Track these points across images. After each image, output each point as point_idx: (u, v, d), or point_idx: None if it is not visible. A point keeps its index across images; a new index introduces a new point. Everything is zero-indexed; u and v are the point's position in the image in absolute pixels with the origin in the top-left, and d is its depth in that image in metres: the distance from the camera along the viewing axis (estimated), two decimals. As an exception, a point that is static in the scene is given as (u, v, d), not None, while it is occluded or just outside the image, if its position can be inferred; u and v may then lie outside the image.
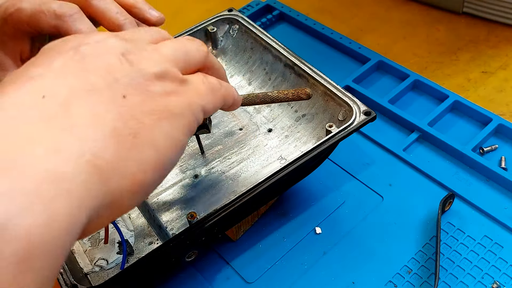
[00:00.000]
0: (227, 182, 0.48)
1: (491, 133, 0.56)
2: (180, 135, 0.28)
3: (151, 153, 0.26)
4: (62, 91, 0.24)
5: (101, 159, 0.23)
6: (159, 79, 0.28)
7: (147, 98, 0.27)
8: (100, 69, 0.26)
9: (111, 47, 0.27)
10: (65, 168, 0.22)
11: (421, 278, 0.46)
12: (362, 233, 0.49)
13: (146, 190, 0.27)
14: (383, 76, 0.65)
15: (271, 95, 0.46)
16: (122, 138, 0.25)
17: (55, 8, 0.35)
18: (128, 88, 0.26)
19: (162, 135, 0.27)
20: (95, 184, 0.23)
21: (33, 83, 0.24)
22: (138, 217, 0.48)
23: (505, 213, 0.49)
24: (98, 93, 0.25)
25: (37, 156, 0.21)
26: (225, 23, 0.59)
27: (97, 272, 0.44)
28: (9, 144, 0.21)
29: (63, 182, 0.22)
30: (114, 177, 0.24)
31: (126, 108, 0.25)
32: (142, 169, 0.26)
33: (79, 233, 0.23)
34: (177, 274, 0.47)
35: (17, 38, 0.37)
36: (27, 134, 0.22)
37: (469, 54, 0.68)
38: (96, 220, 0.24)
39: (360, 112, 0.46)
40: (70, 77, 0.25)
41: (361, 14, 0.77)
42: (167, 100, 0.28)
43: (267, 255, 0.48)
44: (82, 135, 0.23)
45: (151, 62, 0.28)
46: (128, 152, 0.25)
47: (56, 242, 0.21)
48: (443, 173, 0.53)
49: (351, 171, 0.55)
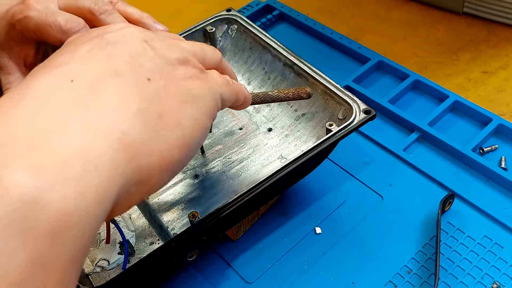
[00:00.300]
0: (228, 182, 0.48)
1: (491, 133, 0.56)
2: (203, 117, 0.30)
3: (176, 132, 0.27)
4: (89, 76, 0.25)
5: (129, 137, 0.25)
6: (182, 64, 0.30)
7: (171, 82, 0.28)
8: (124, 54, 0.27)
9: (134, 34, 0.29)
10: (95, 145, 0.23)
11: (421, 278, 0.46)
12: (362, 233, 0.49)
13: (173, 168, 0.28)
14: (383, 76, 0.65)
15: (272, 95, 0.46)
16: (148, 118, 0.26)
17: (61, 23, 0.35)
18: (152, 72, 0.28)
19: (186, 116, 0.28)
20: (123, 161, 0.24)
21: (61, 69, 0.25)
22: (139, 217, 0.48)
23: (505, 213, 0.49)
24: (123, 77, 0.26)
25: (68, 134, 0.22)
26: (224, 23, 0.59)
27: (98, 272, 0.44)
28: (41, 124, 0.22)
29: (93, 158, 0.23)
30: (142, 155, 0.25)
31: (151, 91, 0.27)
32: (169, 147, 0.27)
33: (109, 208, 0.24)
34: (177, 274, 0.47)
35: (23, 43, 0.38)
36: (58, 114, 0.23)
37: (469, 54, 0.68)
38: (127, 197, 0.25)
39: (360, 111, 0.46)
40: (96, 62, 0.26)
41: (361, 14, 0.77)
42: (190, 84, 0.29)
43: (267, 255, 0.48)
44: (110, 115, 0.24)
45: (173, 49, 0.30)
46: (154, 131, 0.26)
47: (88, 214, 0.22)
48: (443, 173, 0.53)
49: (351, 171, 0.55)
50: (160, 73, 0.28)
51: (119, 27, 0.29)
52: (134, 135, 0.25)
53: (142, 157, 0.25)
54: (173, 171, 0.28)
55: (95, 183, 0.22)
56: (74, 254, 0.22)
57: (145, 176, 0.26)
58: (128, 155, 0.24)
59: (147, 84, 0.27)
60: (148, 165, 0.26)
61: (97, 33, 0.28)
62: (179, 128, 0.28)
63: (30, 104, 0.23)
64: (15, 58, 0.38)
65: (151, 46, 0.29)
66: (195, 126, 0.29)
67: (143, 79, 0.27)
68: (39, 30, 0.36)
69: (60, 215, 0.20)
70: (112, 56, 0.27)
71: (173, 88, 0.28)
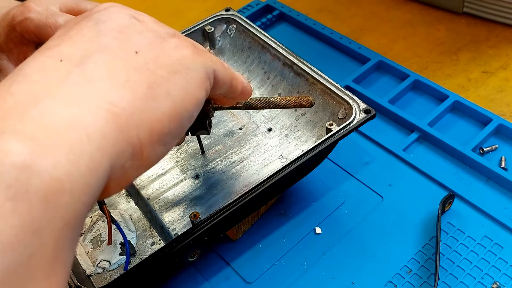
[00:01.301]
0: (228, 182, 0.48)
1: (491, 133, 0.56)
2: (194, 89, 0.29)
3: (166, 102, 0.27)
4: (77, 54, 0.26)
5: (118, 107, 0.25)
6: (172, 36, 0.30)
7: (160, 53, 0.28)
8: (112, 30, 0.28)
9: (122, 11, 0.29)
10: (85, 115, 0.24)
11: (421, 278, 0.46)
12: (362, 233, 0.49)
13: (165, 139, 0.28)
14: (383, 76, 0.65)
15: (273, 101, 0.46)
16: (137, 88, 0.26)
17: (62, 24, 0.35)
18: (141, 45, 0.28)
19: (177, 87, 0.28)
20: (114, 131, 0.24)
21: (52, 51, 0.26)
22: (140, 218, 0.48)
23: (505, 213, 0.50)
24: (110, 51, 0.27)
25: (58, 106, 0.23)
26: (223, 23, 0.59)
27: (99, 273, 0.44)
28: (32, 99, 0.23)
29: (83, 128, 0.23)
30: (131, 125, 0.25)
31: (139, 62, 0.27)
32: (158, 117, 0.27)
33: (104, 178, 0.24)
34: (177, 274, 0.47)
35: (23, 45, 0.38)
36: (49, 90, 0.24)
37: (470, 54, 0.68)
38: (122, 172, 0.26)
39: (360, 111, 0.46)
40: (85, 42, 0.27)
41: (361, 13, 0.77)
42: (181, 55, 0.29)
43: (267, 255, 0.48)
44: (98, 87, 0.25)
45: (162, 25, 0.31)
46: (143, 102, 0.26)
47: (80, 182, 0.22)
48: (443, 173, 0.53)
49: (351, 171, 0.55)
50: (149, 46, 0.28)
51: (107, 5, 0.30)
52: (123, 105, 0.25)
53: (132, 128, 0.25)
54: (165, 142, 0.28)
55: (86, 152, 0.23)
56: (67, 221, 0.22)
57: (137, 148, 0.26)
58: (118, 126, 0.25)
59: (134, 56, 0.27)
60: (138, 136, 0.26)
61: (86, 14, 0.29)
62: (168, 98, 0.27)
63: (22, 83, 0.24)
64: (15, 60, 0.38)
65: (140, 20, 0.29)
66: (185, 97, 0.29)
67: (131, 52, 0.27)
68: (40, 32, 0.36)
69: (52, 181, 0.21)
70: (101, 34, 0.27)
71: (163, 59, 0.28)
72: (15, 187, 0.20)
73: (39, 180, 0.21)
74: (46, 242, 0.21)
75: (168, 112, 0.27)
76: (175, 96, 0.28)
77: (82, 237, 0.47)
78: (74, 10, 0.37)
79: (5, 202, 0.20)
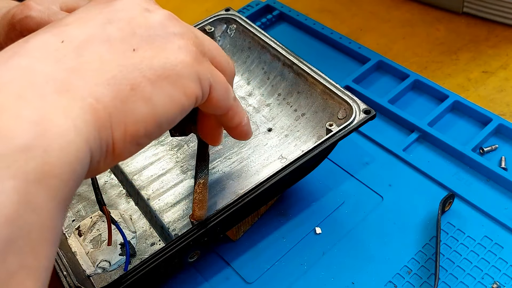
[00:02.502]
0: (228, 182, 0.48)
1: (491, 133, 0.56)
2: (181, 96, 0.29)
3: (146, 108, 0.27)
4: (79, 38, 0.26)
5: (100, 103, 0.25)
6: (179, 38, 0.29)
7: (159, 53, 0.28)
8: (121, 21, 0.28)
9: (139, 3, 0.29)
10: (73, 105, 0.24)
11: (421, 279, 0.46)
12: (361, 233, 0.49)
13: (138, 141, 0.28)
14: (383, 76, 0.65)
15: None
16: (120, 88, 0.26)
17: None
18: (142, 42, 0.28)
19: (162, 93, 0.28)
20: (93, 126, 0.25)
21: (58, 30, 0.26)
22: (140, 218, 0.48)
23: (505, 213, 0.49)
24: (110, 43, 0.27)
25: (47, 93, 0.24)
26: (223, 23, 0.59)
27: (99, 274, 0.44)
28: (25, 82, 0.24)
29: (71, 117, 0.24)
30: (107, 125, 0.26)
31: (132, 60, 0.27)
32: (134, 121, 0.27)
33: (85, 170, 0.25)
34: (177, 274, 0.47)
35: None
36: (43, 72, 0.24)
37: (469, 54, 0.68)
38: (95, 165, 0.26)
39: (360, 111, 0.46)
40: (92, 26, 0.27)
41: (361, 13, 0.77)
42: (179, 59, 0.28)
43: (267, 255, 0.48)
44: (87, 78, 0.25)
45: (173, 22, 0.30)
46: (122, 103, 0.26)
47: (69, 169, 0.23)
48: (443, 173, 0.53)
49: (351, 171, 0.55)
50: (151, 44, 0.28)
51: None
52: (105, 101, 0.25)
53: (107, 128, 0.26)
54: (139, 143, 0.28)
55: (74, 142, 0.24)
56: (59, 201, 0.23)
57: (109, 146, 0.26)
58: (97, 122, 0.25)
59: (130, 53, 0.27)
60: (112, 135, 0.26)
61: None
62: (149, 104, 0.27)
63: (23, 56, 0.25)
64: None
65: (152, 16, 0.29)
66: (169, 104, 0.28)
67: (129, 48, 0.27)
68: None
69: (45, 165, 0.22)
70: (110, 22, 0.27)
71: (158, 61, 0.28)
72: (16, 166, 0.21)
73: (35, 163, 0.22)
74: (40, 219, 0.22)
75: (146, 118, 0.27)
76: (157, 101, 0.27)
77: (82, 237, 0.47)
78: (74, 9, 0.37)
79: (8, 179, 0.21)
